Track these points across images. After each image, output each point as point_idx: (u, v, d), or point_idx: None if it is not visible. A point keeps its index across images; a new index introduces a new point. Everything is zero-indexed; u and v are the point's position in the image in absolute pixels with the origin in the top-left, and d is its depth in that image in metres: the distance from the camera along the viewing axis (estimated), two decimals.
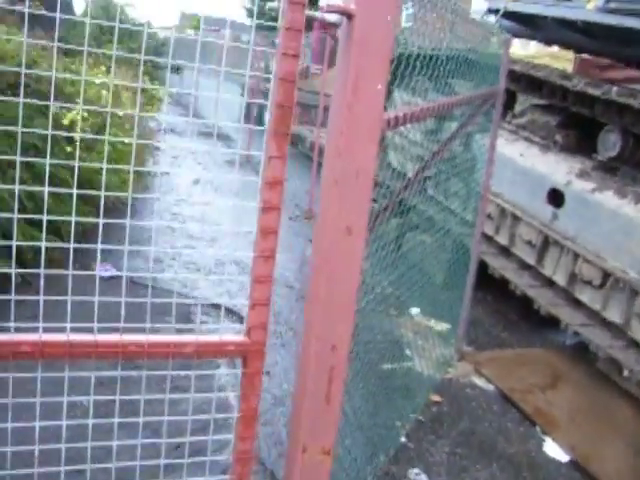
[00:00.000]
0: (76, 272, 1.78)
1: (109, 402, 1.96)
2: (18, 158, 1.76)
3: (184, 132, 15.29)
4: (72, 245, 1.84)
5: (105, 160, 2.06)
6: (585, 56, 7.86)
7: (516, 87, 6.80)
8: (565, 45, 7.65)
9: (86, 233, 5.10)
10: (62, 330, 1.73)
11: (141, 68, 1.89)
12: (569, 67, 10.33)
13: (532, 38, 7.22)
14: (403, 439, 4.19)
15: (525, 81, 6.60)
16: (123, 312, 1.79)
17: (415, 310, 5.50)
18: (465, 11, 4.61)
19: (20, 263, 5.15)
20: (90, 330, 1.74)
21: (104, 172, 2.05)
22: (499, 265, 6.52)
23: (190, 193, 10.06)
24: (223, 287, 6.38)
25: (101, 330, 1.77)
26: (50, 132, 1.72)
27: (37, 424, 1.78)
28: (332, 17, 1.97)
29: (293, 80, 1.84)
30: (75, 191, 1.77)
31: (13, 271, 1.77)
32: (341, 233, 2.05)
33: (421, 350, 5.12)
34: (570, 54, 8.26)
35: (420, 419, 4.47)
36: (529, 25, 6.69)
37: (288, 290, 6.68)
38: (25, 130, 1.77)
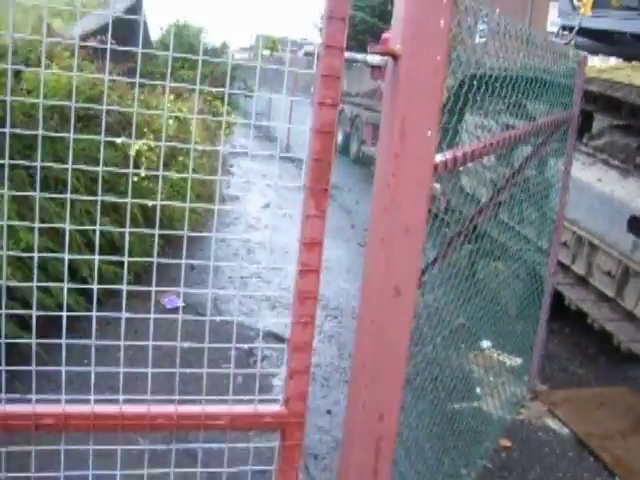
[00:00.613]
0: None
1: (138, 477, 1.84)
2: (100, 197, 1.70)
3: (257, 155, 15.34)
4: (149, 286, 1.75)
5: (187, 196, 1.98)
6: None
7: (593, 107, 6.46)
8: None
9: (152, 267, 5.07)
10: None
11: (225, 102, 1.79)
12: None
13: (609, 54, 6.87)
14: None
15: (602, 101, 6.26)
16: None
17: (486, 343, 5.24)
18: (538, 33, 4.37)
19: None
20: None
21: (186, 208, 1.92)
22: (576, 296, 6.17)
23: (259, 218, 10.03)
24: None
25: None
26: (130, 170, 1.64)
27: None
28: (376, 59, 1.81)
29: (331, 132, 1.69)
30: (157, 231, 1.74)
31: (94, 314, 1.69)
32: (389, 294, 1.88)
33: (492, 388, 4.84)
34: None
35: (488, 466, 4.21)
36: (605, 41, 6.35)
37: (355, 322, 6.50)
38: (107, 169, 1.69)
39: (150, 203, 2.52)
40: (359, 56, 13.96)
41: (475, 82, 2.89)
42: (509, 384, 5.05)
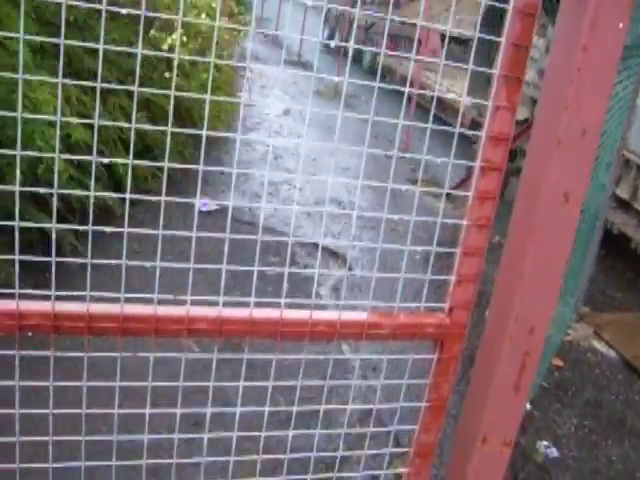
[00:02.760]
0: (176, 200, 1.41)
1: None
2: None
3: (268, 59, 14.92)
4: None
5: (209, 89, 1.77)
6: None
7: None
8: None
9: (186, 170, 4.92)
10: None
11: None
12: None
13: None
14: (528, 406, 3.93)
15: None
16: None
17: None
18: None
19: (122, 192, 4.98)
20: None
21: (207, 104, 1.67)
22: (619, 220, 6.06)
23: (281, 124, 9.78)
24: (325, 227, 6.15)
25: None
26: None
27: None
28: None
29: (534, 13, 1.51)
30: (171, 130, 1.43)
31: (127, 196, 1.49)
32: (558, 200, 1.73)
33: None
34: None
35: (544, 385, 4.19)
36: None
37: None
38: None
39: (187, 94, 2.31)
40: None
41: None
42: (557, 304, 5.00)
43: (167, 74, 6.67)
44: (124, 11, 1.31)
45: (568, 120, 1.68)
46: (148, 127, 4.59)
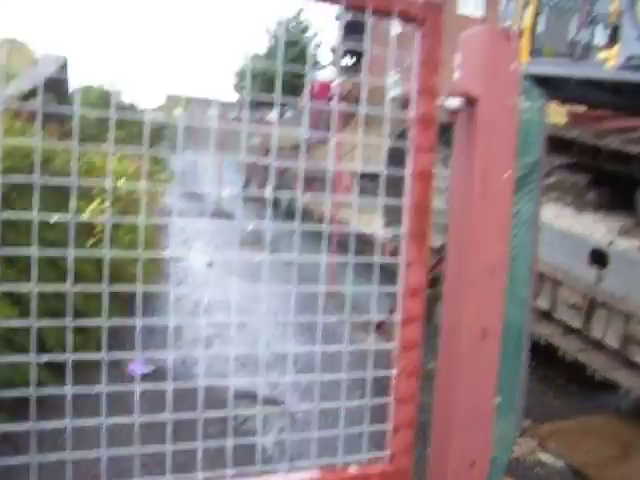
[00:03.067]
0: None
1: None
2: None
3: (189, 213, 15.20)
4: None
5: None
6: (578, 109, 7.89)
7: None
8: (585, 103, 7.63)
9: (116, 330, 4.92)
10: None
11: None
12: (562, 120, 10.38)
13: (552, 99, 7.18)
14: None
15: (553, 142, 6.52)
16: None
17: None
18: None
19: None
20: None
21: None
22: (544, 331, 6.30)
23: (207, 277, 9.88)
24: (262, 376, 6.13)
25: None
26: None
27: None
28: (454, 103, 1.82)
29: (430, 176, 1.68)
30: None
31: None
32: (477, 337, 1.86)
33: None
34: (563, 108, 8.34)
35: None
36: (548, 86, 6.64)
37: None
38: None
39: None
40: (440, 100, 14.16)
41: None
42: (497, 423, 5.06)
43: (90, 242, 6.73)
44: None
45: (475, 263, 1.84)
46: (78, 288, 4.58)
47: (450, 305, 1.94)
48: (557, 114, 9.99)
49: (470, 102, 1.79)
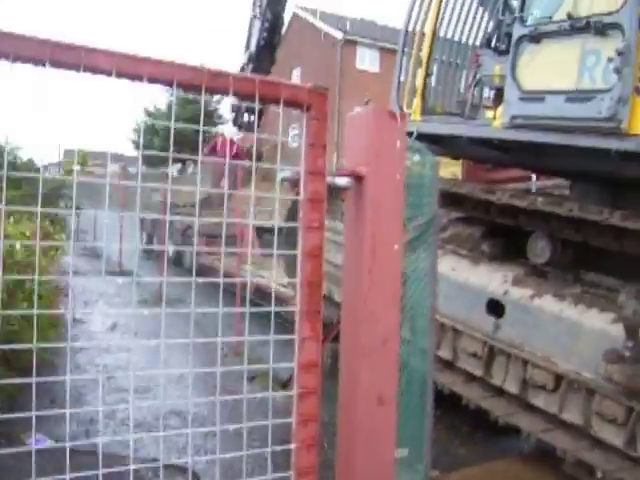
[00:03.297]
0: None
1: None
2: None
3: (89, 273, 14.85)
4: None
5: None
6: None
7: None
8: (476, 159, 8.01)
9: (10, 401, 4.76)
10: None
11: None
12: (458, 171, 10.87)
13: (444, 155, 7.50)
14: None
15: (447, 197, 6.79)
16: None
17: None
18: None
19: None
20: None
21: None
22: (447, 380, 6.46)
23: (110, 340, 9.63)
24: (168, 443, 5.99)
25: None
26: None
27: None
28: (342, 181, 1.91)
29: (320, 254, 1.74)
30: None
31: None
32: (374, 403, 1.92)
33: None
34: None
35: None
36: (440, 144, 6.96)
37: None
38: None
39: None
40: (328, 179, 14.19)
41: None
42: (404, 475, 5.12)
43: None
44: None
45: (368, 334, 1.91)
46: None
47: (346, 375, 1.99)
48: (452, 165, 10.46)
49: (358, 180, 1.88)
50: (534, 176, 8.46)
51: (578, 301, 5.46)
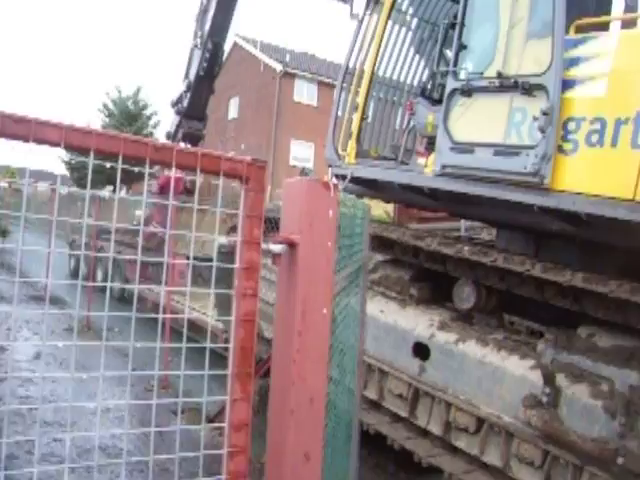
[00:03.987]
0: None
1: None
2: None
3: (12, 298, 14.41)
4: None
5: None
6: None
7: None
8: (408, 204, 8.23)
9: None
10: None
11: None
12: (390, 209, 11.11)
13: (377, 198, 7.69)
14: None
15: (377, 240, 6.95)
16: None
17: None
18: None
19: None
20: None
21: None
22: (373, 420, 6.57)
23: (33, 370, 9.40)
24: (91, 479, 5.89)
25: None
26: None
27: None
28: (277, 248, 2.00)
29: (254, 320, 1.83)
30: None
31: None
32: (300, 460, 2.00)
33: None
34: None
35: None
36: (374, 188, 7.14)
37: None
38: None
39: None
40: (263, 246, 13.97)
41: None
42: None
43: None
44: None
45: (296, 393, 2.00)
46: None
47: (274, 432, 2.07)
48: (382, 208, 10.69)
49: (291, 246, 1.98)
50: None
51: (500, 347, 5.67)
